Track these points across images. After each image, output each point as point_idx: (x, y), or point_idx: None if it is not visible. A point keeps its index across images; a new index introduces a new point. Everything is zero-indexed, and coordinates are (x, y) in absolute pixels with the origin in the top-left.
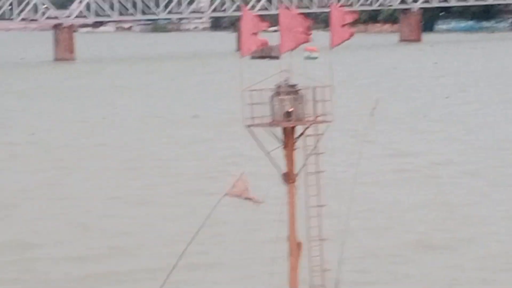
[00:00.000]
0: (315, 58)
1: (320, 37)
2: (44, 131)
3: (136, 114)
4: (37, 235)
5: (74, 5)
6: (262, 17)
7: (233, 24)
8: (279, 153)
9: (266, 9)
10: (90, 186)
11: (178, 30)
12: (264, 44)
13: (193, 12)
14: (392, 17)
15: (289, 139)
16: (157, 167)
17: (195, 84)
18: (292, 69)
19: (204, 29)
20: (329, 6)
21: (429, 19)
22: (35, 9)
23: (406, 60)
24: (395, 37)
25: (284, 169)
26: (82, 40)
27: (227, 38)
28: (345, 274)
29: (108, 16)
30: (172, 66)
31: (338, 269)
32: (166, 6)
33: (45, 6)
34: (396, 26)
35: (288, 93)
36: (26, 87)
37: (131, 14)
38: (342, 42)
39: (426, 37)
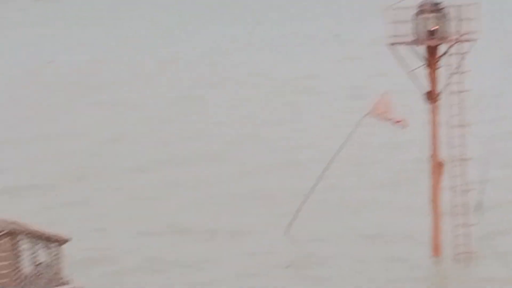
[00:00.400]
0: None
1: None
2: (183, 52)
3: (277, 32)
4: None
5: None
6: None
7: None
8: (422, 72)
9: None
10: (235, 104)
11: None
12: None
13: None
14: None
15: (432, 57)
16: (299, 84)
17: (336, 2)
18: None
19: None
20: None
21: None
22: None
23: None
24: None
25: (427, 88)
26: None
27: None
28: (488, 194)
29: None
30: None
31: (481, 189)
32: None
33: None
34: None
35: (432, 11)
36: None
37: None
38: None
39: None
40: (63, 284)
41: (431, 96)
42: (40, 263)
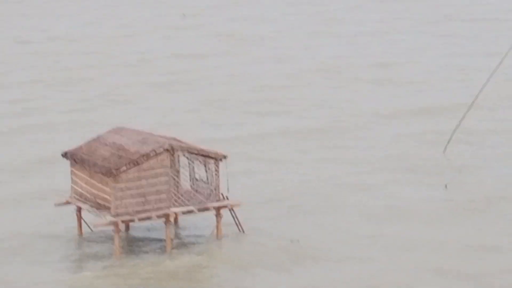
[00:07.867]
0: None
1: None
2: None
3: None
4: None
5: None
6: None
7: None
8: None
9: None
10: None
11: None
12: None
13: None
14: None
15: None
16: None
17: None
18: None
19: None
20: None
21: None
22: None
23: None
24: None
25: None
26: None
27: None
28: None
29: None
30: None
31: None
32: None
33: None
34: None
35: None
36: None
37: None
38: None
39: None
40: (221, 199)
41: None
42: (198, 179)
